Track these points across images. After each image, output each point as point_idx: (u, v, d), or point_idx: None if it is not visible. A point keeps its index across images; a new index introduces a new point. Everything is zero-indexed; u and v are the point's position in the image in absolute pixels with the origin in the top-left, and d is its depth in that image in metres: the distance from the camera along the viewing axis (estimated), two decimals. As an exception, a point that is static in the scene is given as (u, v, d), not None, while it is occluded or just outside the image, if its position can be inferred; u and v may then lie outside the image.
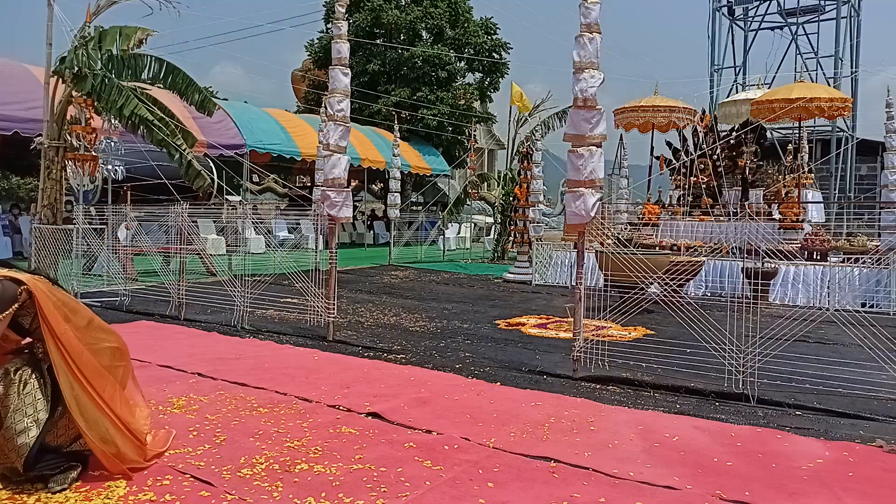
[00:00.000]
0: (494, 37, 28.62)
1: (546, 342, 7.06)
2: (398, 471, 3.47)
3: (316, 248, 12.79)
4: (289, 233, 18.66)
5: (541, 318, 8.53)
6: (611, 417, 4.46)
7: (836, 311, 5.37)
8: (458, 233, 22.65)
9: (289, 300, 7.94)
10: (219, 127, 16.41)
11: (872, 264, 9.77)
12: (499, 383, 5.28)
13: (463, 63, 28.18)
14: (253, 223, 12.26)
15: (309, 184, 21.85)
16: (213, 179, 11.59)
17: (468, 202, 19.57)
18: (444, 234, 19.83)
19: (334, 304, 6.94)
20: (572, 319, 5.71)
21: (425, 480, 3.36)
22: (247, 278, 7.71)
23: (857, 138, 23.43)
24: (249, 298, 7.61)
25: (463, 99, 27.68)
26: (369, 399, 4.71)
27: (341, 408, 4.53)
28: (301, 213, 16.83)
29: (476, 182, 19.03)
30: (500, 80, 29.33)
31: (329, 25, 26.97)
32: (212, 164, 13.57)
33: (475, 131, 24.56)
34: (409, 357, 6.13)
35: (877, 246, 10.88)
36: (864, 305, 9.32)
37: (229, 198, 14.50)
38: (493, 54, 28.49)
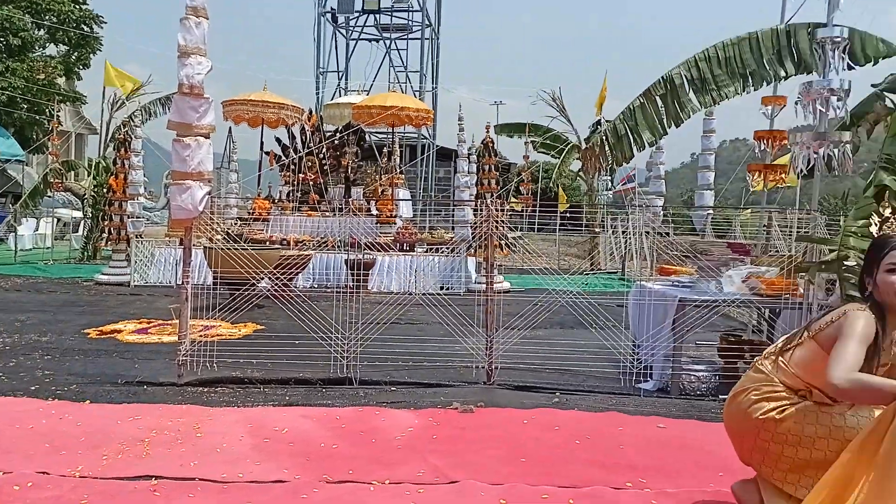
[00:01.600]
0: (84, 6, 25.08)
1: (147, 349, 6.45)
2: (-61, 533, 2.72)
3: None
4: None
5: (141, 323, 7.79)
6: (219, 420, 4.27)
7: (422, 294, 6.15)
8: (37, 229, 19.25)
9: None
10: None
11: (448, 253, 11.54)
12: (88, 401, 4.60)
13: (43, 31, 23.99)
14: None
15: None
16: None
17: (49, 194, 16.81)
18: (16, 232, 16.74)
19: None
20: (177, 321, 5.33)
21: (-19, 536, 2.71)
22: None
23: (436, 145, 27.36)
24: None
25: (43, 73, 23.64)
26: None
27: None
28: None
29: (60, 170, 16.42)
30: (92, 56, 25.89)
31: None
32: None
33: (59, 111, 21.21)
34: (-37, 384, 4.91)
35: (451, 238, 12.87)
36: (442, 288, 10.90)
37: None
38: (83, 26, 24.94)
